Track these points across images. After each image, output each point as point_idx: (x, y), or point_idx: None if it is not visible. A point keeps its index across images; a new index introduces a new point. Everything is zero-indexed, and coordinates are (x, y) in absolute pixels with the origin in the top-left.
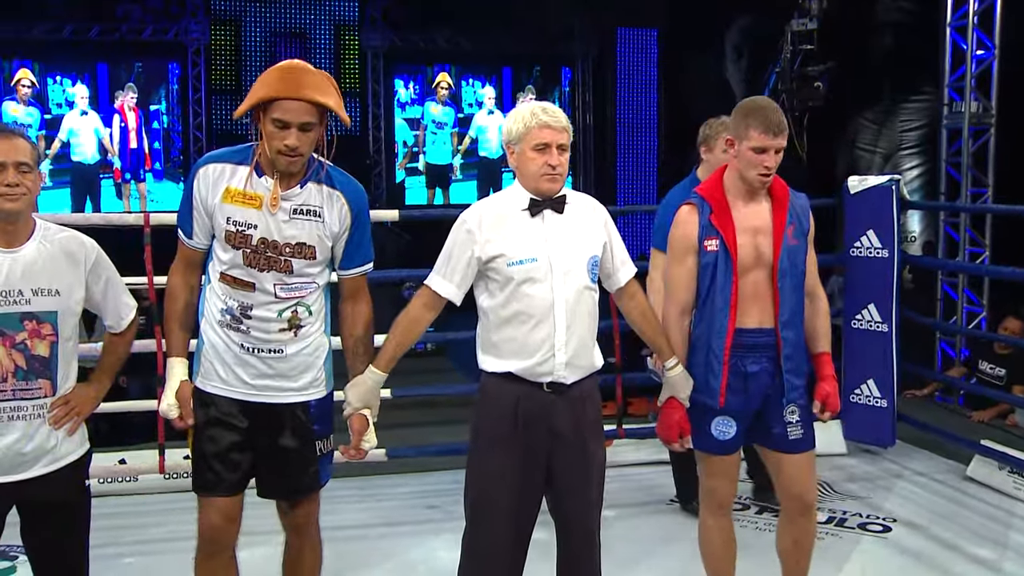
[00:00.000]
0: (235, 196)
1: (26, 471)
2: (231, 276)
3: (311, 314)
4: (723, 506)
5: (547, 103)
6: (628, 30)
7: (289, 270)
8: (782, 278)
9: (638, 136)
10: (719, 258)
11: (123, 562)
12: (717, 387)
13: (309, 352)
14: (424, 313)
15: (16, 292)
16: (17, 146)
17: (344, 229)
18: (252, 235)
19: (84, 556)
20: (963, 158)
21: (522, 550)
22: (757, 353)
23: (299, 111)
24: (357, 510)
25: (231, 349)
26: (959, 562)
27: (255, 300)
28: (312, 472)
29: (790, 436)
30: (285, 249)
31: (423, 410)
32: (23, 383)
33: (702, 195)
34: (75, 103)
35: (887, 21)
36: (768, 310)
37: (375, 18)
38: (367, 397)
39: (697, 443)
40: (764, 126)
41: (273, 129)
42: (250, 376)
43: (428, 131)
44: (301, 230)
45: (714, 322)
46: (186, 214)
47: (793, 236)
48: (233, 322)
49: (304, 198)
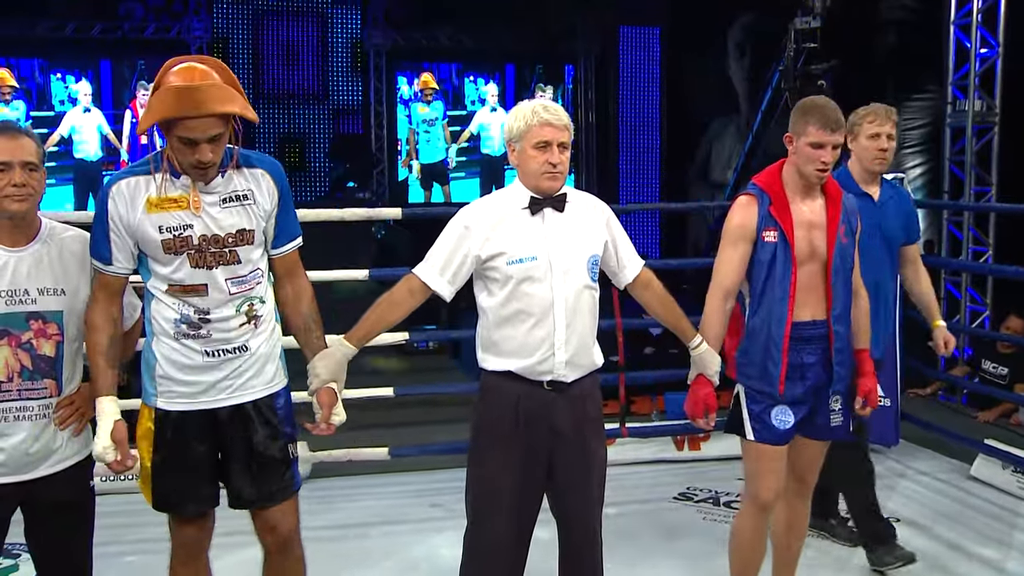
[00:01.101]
0: (158, 204)
1: (32, 471)
2: (179, 285)
3: (264, 303)
4: (766, 507)
5: (548, 101)
6: (631, 28)
7: (237, 260)
8: (835, 274)
9: (641, 134)
10: (778, 249)
11: (125, 560)
12: (777, 375)
13: (270, 342)
14: (407, 298)
15: (22, 292)
16: (23, 145)
17: (274, 207)
18: (191, 235)
19: (88, 556)
20: (967, 156)
21: (523, 548)
22: (813, 345)
23: (205, 126)
24: (359, 508)
25: (191, 358)
26: (963, 562)
27: (210, 302)
28: (288, 476)
29: (832, 424)
30: (228, 240)
31: (425, 409)
32: (29, 383)
33: (761, 187)
34: (78, 100)
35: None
36: (820, 304)
37: (377, 17)
38: (335, 370)
39: (758, 435)
40: (822, 122)
41: (180, 146)
42: (214, 381)
43: (419, 131)
44: (238, 217)
45: (773, 311)
46: (101, 240)
47: (844, 235)
48: (191, 329)
49: (230, 186)
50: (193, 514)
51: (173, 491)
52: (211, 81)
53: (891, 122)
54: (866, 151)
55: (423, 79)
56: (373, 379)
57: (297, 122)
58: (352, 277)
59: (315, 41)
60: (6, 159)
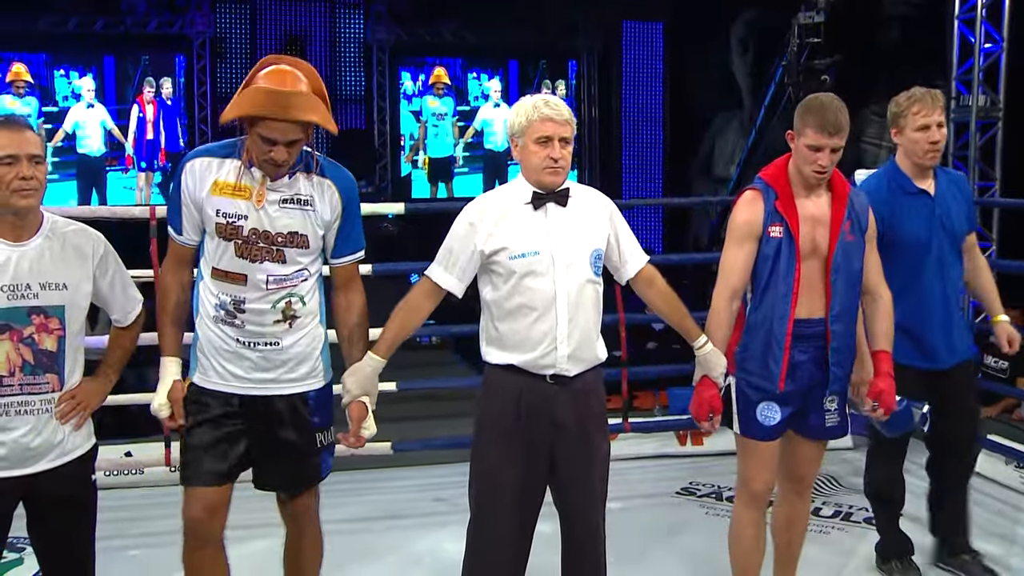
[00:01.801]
0: (223, 188)
1: (33, 465)
2: (222, 270)
3: (304, 304)
4: (758, 499)
5: (549, 96)
6: (634, 23)
7: (282, 259)
8: (835, 271)
9: (643, 129)
10: (783, 244)
11: (128, 554)
12: (778, 372)
13: (306, 343)
14: (423, 302)
15: (24, 286)
16: (28, 138)
17: (336, 218)
18: (243, 226)
19: (90, 549)
20: (970, 151)
21: (527, 542)
22: (805, 343)
23: (285, 130)
24: (362, 503)
25: (227, 344)
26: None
27: (247, 293)
28: (313, 464)
29: (827, 424)
30: (277, 239)
31: (428, 403)
32: (30, 377)
33: (767, 181)
34: (81, 95)
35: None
36: (818, 301)
37: (380, 12)
38: (366, 384)
39: (743, 428)
40: (819, 125)
41: (260, 143)
42: (246, 370)
43: (428, 124)
44: (293, 219)
45: (776, 307)
46: (175, 211)
47: (850, 232)
48: (227, 317)
49: (294, 189)
50: (207, 480)
51: (198, 448)
52: (299, 89)
53: (939, 108)
54: (916, 144)
55: (437, 72)
56: None
57: None
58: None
59: (318, 37)
60: (13, 152)
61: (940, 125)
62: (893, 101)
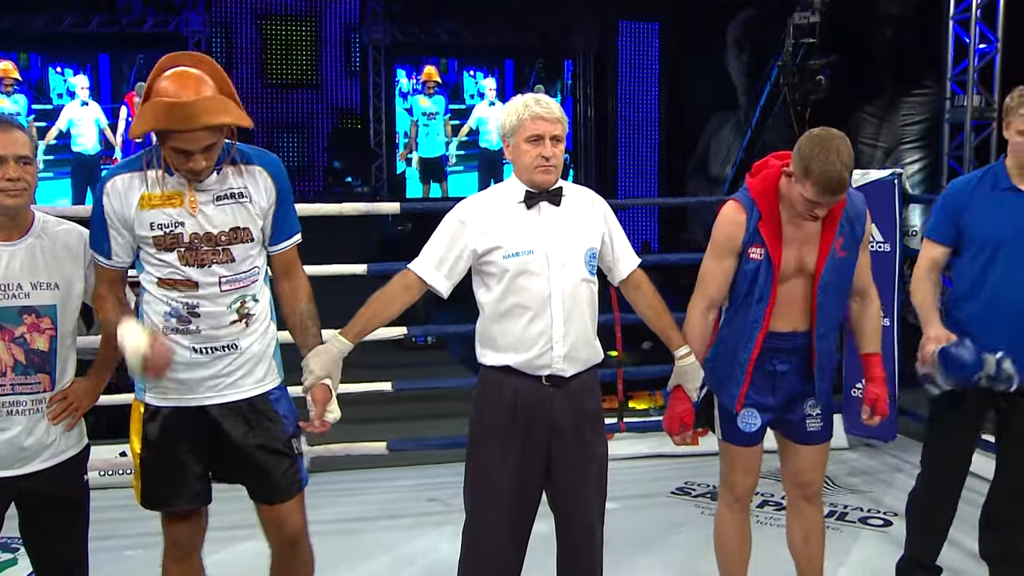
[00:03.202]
0: (152, 200)
1: (25, 466)
2: (170, 280)
3: (257, 302)
4: (740, 500)
5: (540, 95)
6: (630, 23)
7: (231, 258)
8: (823, 291)
9: (639, 129)
10: (761, 267)
11: (123, 555)
12: (736, 393)
13: (262, 343)
14: (401, 294)
15: (15, 286)
16: (16, 138)
17: (271, 203)
18: (182, 233)
19: (83, 550)
20: (965, 152)
21: (523, 543)
22: (786, 355)
23: (198, 139)
24: (357, 503)
25: (180, 354)
26: (960, 557)
27: (200, 299)
28: (292, 471)
29: (808, 428)
30: (221, 238)
31: (423, 403)
32: (22, 377)
33: (753, 197)
34: (76, 93)
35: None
36: (801, 316)
37: (376, 11)
38: (330, 366)
39: (724, 434)
40: (823, 186)
41: (175, 155)
42: (203, 378)
43: (420, 124)
44: (231, 215)
45: (743, 331)
46: (100, 235)
47: (842, 248)
48: (180, 324)
49: (225, 184)
50: (181, 511)
51: (160, 487)
52: (203, 95)
53: None
54: (1019, 145)
55: (427, 71)
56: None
57: (295, 116)
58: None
59: (313, 35)
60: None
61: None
62: (1010, 95)
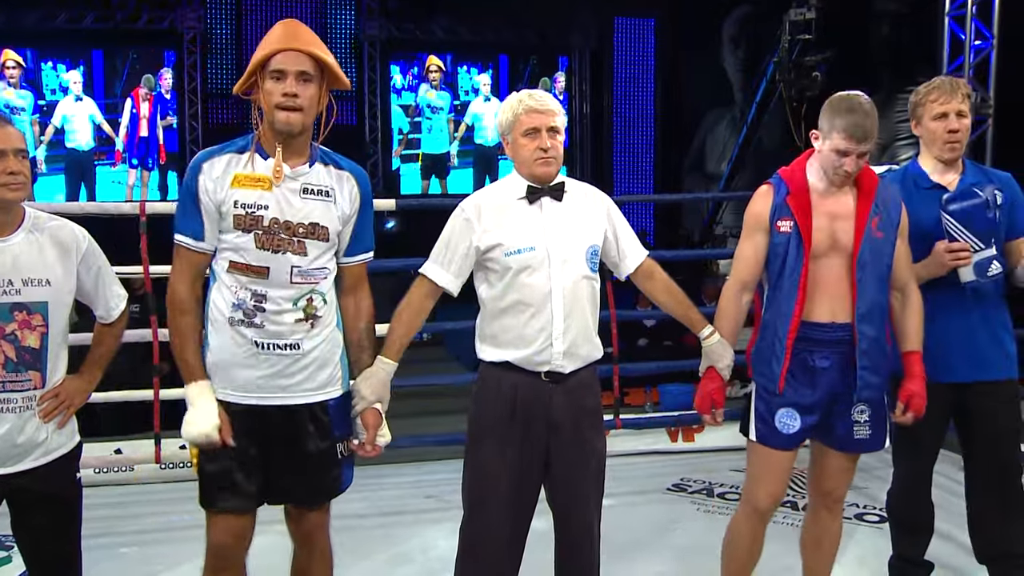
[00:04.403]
0: (243, 180)
1: (17, 463)
2: (243, 263)
3: (326, 303)
4: (762, 511)
5: (534, 90)
6: (626, 20)
7: (304, 252)
8: (861, 269)
9: (635, 126)
10: (791, 240)
11: (119, 552)
12: (778, 371)
13: (326, 348)
14: (425, 302)
15: (6, 282)
16: (11, 133)
17: (353, 212)
18: (263, 216)
19: (76, 547)
20: None
21: (520, 540)
22: (827, 348)
23: (296, 60)
24: (354, 500)
25: (243, 348)
26: (956, 554)
27: (269, 288)
28: (334, 476)
29: (856, 435)
30: (299, 229)
31: (421, 400)
32: (12, 375)
33: (782, 176)
34: (69, 89)
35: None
36: (843, 304)
37: (372, 7)
38: (380, 390)
39: (760, 436)
40: (849, 132)
41: (271, 84)
42: (264, 378)
43: (423, 115)
44: (313, 209)
45: (781, 306)
46: (192, 216)
47: (878, 228)
48: (245, 317)
49: (314, 178)
50: (234, 508)
51: (220, 477)
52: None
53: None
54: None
55: (430, 60)
56: None
57: None
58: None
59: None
60: (0, 147)
61: (961, 114)
62: (913, 91)
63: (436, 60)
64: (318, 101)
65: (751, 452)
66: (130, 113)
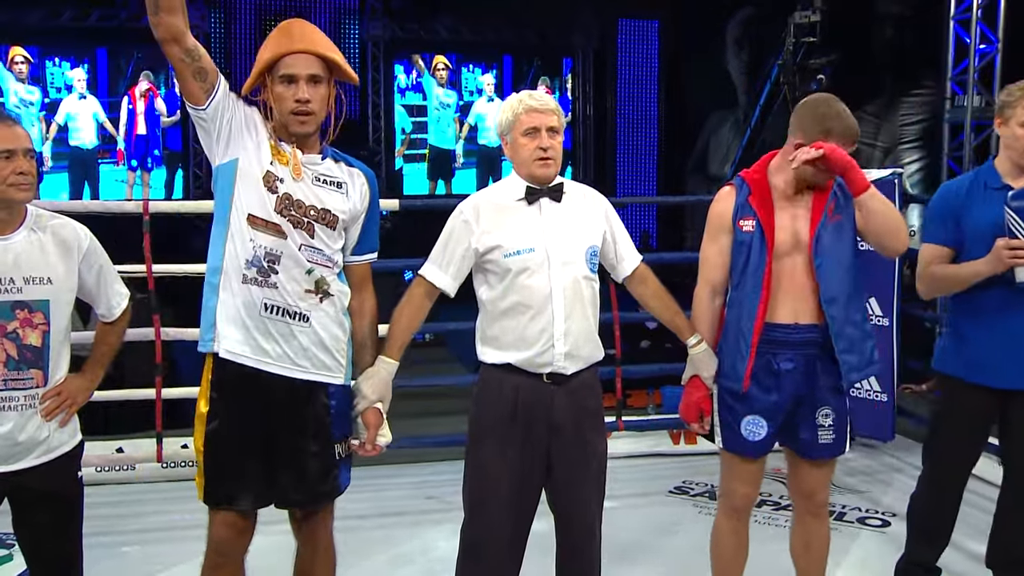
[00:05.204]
0: (273, 148)
1: (19, 462)
2: (262, 218)
3: (339, 286)
4: (739, 510)
5: (533, 90)
6: (629, 21)
7: (312, 233)
8: (819, 256)
9: (638, 127)
10: (754, 238)
11: (120, 551)
12: (743, 371)
13: (332, 331)
14: (424, 301)
15: (7, 280)
16: (19, 133)
17: (364, 209)
18: (279, 187)
19: (78, 546)
20: (965, 152)
21: (521, 542)
22: (791, 350)
23: (306, 63)
24: (354, 500)
25: (253, 305)
26: (959, 558)
27: (284, 249)
28: (332, 478)
29: (820, 440)
30: (309, 211)
31: (421, 401)
32: (14, 373)
33: (743, 177)
34: (73, 87)
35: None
36: (805, 304)
37: (376, 7)
38: (382, 389)
39: (726, 443)
40: (850, 137)
41: (282, 88)
42: (269, 342)
43: (430, 109)
44: (325, 197)
45: (744, 304)
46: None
47: (835, 212)
48: (259, 275)
49: (326, 169)
50: (236, 503)
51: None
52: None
53: None
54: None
55: (437, 58)
56: None
57: None
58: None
59: None
60: (10, 147)
61: None
62: (1005, 89)
63: (443, 58)
64: (328, 98)
65: (722, 457)
66: (127, 111)
